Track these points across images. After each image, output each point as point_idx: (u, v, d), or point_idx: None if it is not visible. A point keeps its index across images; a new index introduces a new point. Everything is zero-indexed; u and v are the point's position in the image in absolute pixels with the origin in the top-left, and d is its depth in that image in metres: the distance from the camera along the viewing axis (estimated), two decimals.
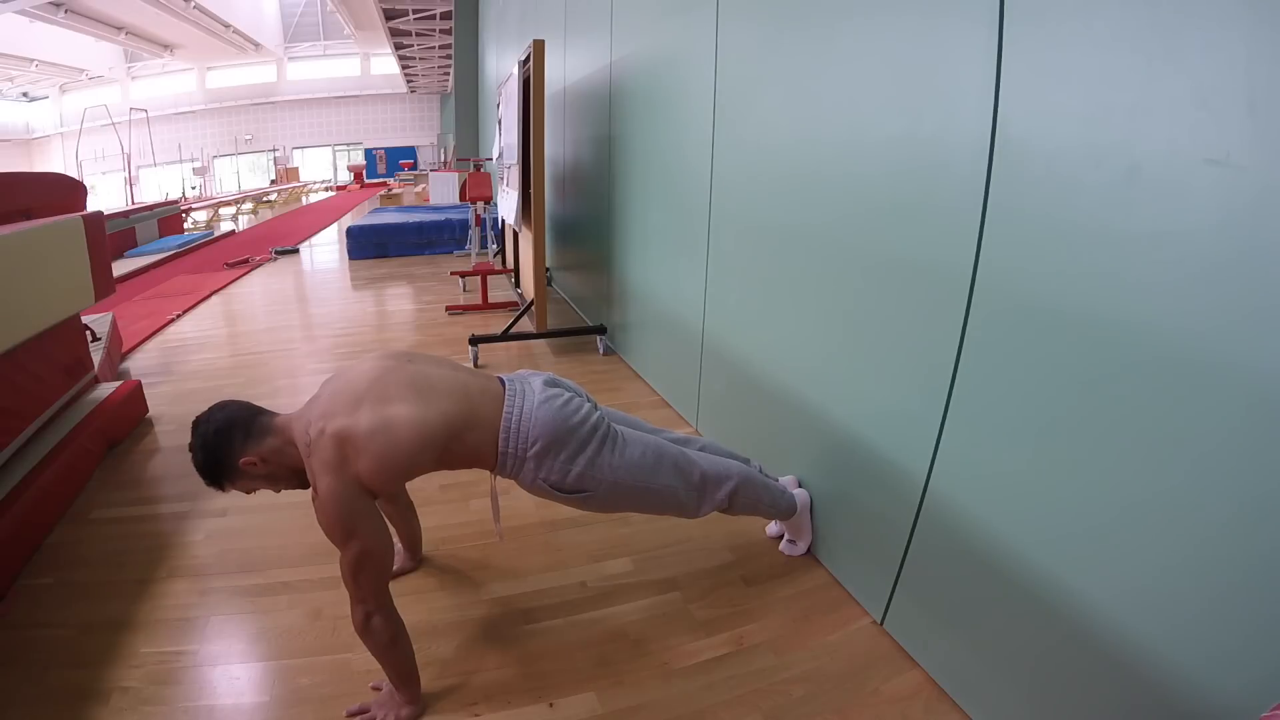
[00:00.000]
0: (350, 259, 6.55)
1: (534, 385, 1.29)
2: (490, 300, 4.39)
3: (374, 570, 1.12)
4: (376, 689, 1.24)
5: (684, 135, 2.28)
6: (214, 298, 5.03)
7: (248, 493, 1.25)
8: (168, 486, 2.10)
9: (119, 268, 5.48)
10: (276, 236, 8.74)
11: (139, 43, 20.38)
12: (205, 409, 1.22)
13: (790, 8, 1.60)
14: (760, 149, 1.78)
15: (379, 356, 1.26)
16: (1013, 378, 1.06)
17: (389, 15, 13.46)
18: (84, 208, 2.58)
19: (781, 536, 1.69)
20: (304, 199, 18.51)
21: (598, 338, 3.44)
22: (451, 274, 5.24)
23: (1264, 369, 0.73)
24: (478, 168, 6.13)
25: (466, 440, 1.21)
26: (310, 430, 1.14)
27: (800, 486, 1.65)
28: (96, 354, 2.73)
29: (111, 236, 6.27)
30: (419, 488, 1.60)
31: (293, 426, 1.19)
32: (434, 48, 16.59)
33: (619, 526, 1.80)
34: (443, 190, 7.15)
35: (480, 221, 5.69)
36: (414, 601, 1.50)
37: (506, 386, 1.28)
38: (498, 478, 1.31)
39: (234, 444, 1.17)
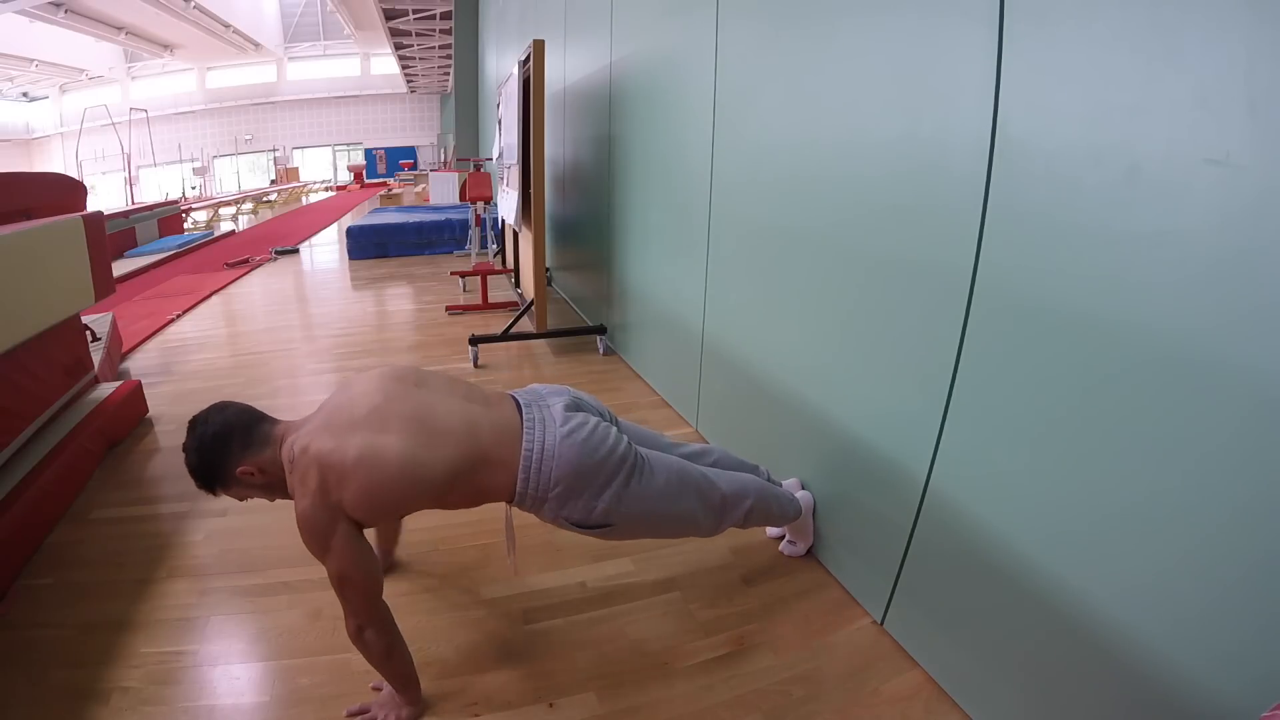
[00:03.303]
0: (350, 259, 6.55)
1: (554, 413, 1.20)
2: (490, 300, 4.39)
3: (354, 591, 1.10)
4: (377, 689, 1.24)
5: (684, 135, 2.28)
6: (214, 298, 5.03)
7: (240, 500, 1.21)
8: (168, 486, 2.09)
9: (119, 268, 5.48)
10: (276, 236, 8.74)
11: (139, 43, 20.37)
12: (204, 409, 1.18)
13: (790, 7, 1.60)
14: (760, 149, 1.78)
15: (386, 378, 1.18)
16: (1013, 378, 1.06)
17: (389, 15, 13.47)
18: (84, 208, 2.58)
19: (782, 538, 1.69)
20: (304, 199, 18.50)
21: (598, 338, 3.44)
22: (451, 274, 5.24)
23: (1264, 369, 0.73)
24: (478, 168, 6.12)
25: (475, 482, 1.14)
26: (295, 446, 1.10)
27: (804, 489, 1.65)
28: (96, 354, 2.73)
29: (111, 236, 6.27)
30: None
31: (286, 439, 1.14)
32: (434, 48, 16.59)
33: None
34: (443, 190, 7.15)
35: (480, 221, 5.69)
36: (414, 602, 1.50)
37: (524, 416, 1.18)
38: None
39: (231, 451, 1.13)
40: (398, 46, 16.73)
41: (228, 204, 14.00)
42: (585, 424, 1.19)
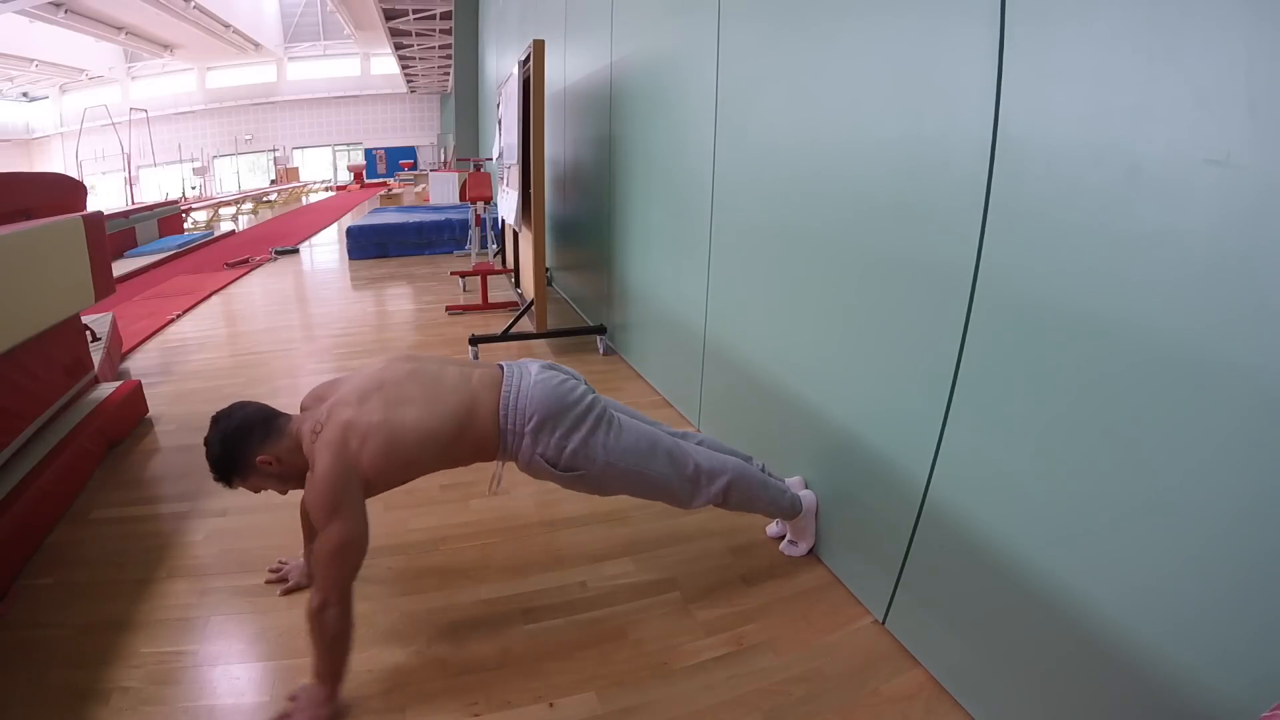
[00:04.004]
0: (350, 259, 6.55)
1: (531, 368, 1.36)
2: (490, 300, 4.39)
3: (344, 559, 1.15)
4: (293, 699, 1.20)
5: (685, 135, 2.28)
6: (214, 298, 5.03)
7: (255, 491, 1.29)
8: (168, 486, 2.09)
9: (119, 268, 5.48)
10: (276, 236, 8.74)
11: (139, 43, 20.37)
12: (224, 407, 1.28)
13: (791, 7, 1.60)
14: (762, 149, 1.78)
15: (386, 361, 1.34)
16: (1013, 377, 1.06)
17: (389, 15, 13.46)
18: (84, 208, 2.58)
19: (783, 537, 1.69)
20: (304, 199, 18.51)
21: (598, 338, 3.44)
22: (451, 274, 5.24)
23: (1264, 369, 0.73)
24: (478, 168, 6.12)
25: (471, 434, 1.27)
26: (320, 416, 1.22)
27: (806, 488, 1.65)
28: (96, 354, 2.73)
29: (111, 236, 6.27)
30: (419, 487, 1.59)
31: (302, 427, 1.24)
32: (434, 48, 16.58)
33: (619, 526, 1.80)
34: (443, 190, 7.16)
35: (480, 221, 5.68)
36: (414, 601, 1.50)
37: (505, 370, 1.35)
38: (503, 465, 1.39)
39: (252, 442, 1.23)
40: (398, 46, 16.72)
41: (228, 204, 14.00)
42: (555, 376, 1.35)
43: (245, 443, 1.22)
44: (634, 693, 1.26)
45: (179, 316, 4.39)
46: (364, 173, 22.76)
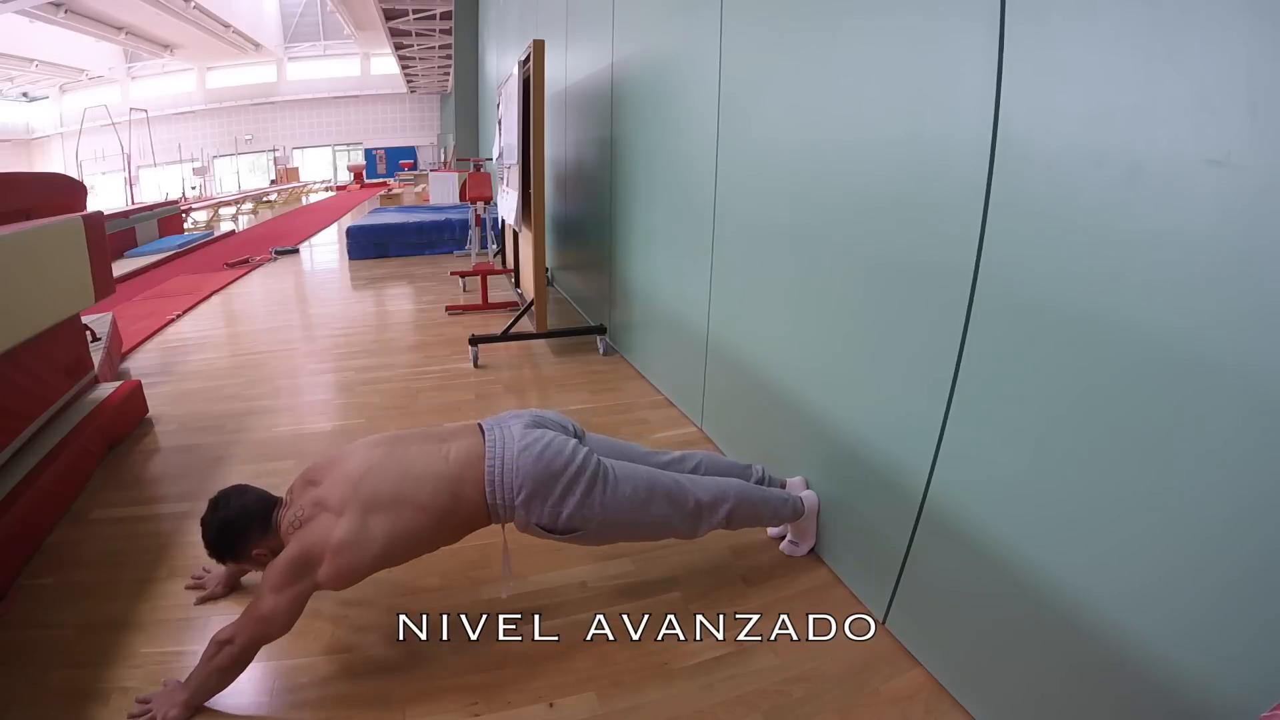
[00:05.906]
0: (350, 259, 6.55)
1: (514, 431, 1.31)
2: (490, 300, 4.39)
3: (257, 631, 1.19)
4: (146, 701, 1.21)
5: (688, 135, 2.28)
6: (214, 298, 5.03)
7: (242, 574, 1.43)
8: (168, 486, 2.09)
9: (119, 268, 5.47)
10: (276, 236, 8.75)
11: (139, 43, 20.38)
12: (224, 490, 1.35)
13: (793, 8, 1.61)
14: (765, 149, 1.78)
15: (367, 445, 1.32)
16: (1014, 377, 1.06)
17: (389, 15, 13.46)
18: (84, 208, 2.57)
19: (783, 537, 1.69)
20: (304, 199, 18.51)
21: (598, 337, 3.44)
22: (451, 274, 5.24)
23: (1264, 369, 0.73)
24: (478, 168, 6.12)
25: (457, 516, 1.27)
26: (301, 512, 1.25)
27: (809, 488, 1.65)
28: (96, 354, 2.73)
29: (111, 236, 6.25)
30: None
31: (285, 516, 1.29)
32: (434, 48, 16.59)
33: None
34: (443, 190, 7.17)
35: (480, 221, 5.69)
36: (413, 601, 1.50)
37: (486, 437, 1.31)
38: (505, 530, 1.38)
39: (251, 534, 1.30)
40: (398, 46, 16.72)
41: (228, 204, 14.01)
42: (541, 438, 1.30)
43: (244, 534, 1.29)
44: (634, 693, 1.26)
45: (179, 316, 4.39)
46: (364, 173, 22.77)
